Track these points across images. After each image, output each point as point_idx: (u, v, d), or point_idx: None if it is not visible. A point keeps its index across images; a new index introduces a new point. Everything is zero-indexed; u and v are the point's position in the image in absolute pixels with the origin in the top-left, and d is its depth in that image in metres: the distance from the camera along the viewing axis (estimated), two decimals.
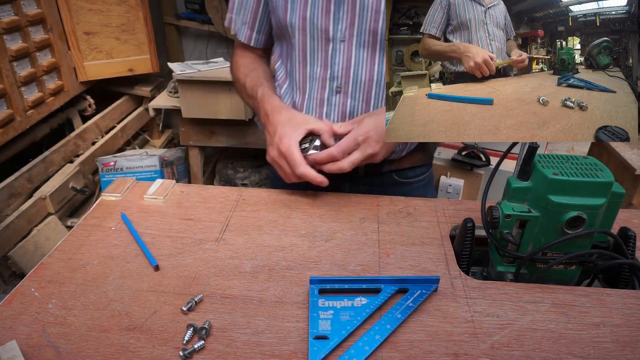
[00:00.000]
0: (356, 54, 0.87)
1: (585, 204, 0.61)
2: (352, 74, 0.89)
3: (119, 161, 2.00)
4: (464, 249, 0.72)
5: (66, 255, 0.72)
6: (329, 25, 0.86)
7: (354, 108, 0.91)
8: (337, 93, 0.91)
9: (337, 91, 0.91)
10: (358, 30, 0.85)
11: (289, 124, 0.83)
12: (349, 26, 0.85)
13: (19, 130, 1.66)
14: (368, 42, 0.86)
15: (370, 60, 0.87)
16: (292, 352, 0.56)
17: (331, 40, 0.87)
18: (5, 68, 1.57)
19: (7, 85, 1.58)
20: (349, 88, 0.90)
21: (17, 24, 1.62)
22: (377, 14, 0.83)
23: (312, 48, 0.89)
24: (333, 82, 0.90)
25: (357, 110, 0.91)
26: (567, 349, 0.56)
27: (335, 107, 0.92)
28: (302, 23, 0.87)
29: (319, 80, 0.91)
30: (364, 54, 0.87)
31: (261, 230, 0.79)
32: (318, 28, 0.86)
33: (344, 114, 0.92)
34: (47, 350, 0.56)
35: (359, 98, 0.90)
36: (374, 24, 0.84)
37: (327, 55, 0.89)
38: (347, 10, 0.84)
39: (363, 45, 0.86)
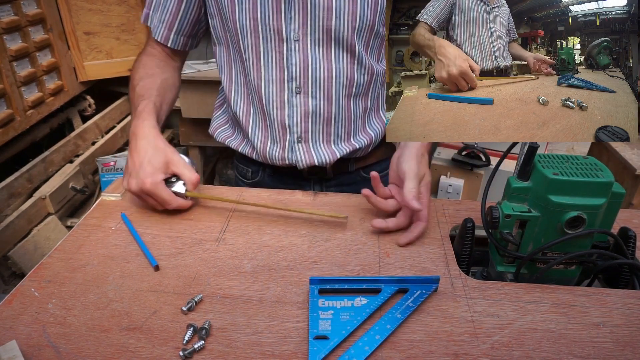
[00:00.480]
0: (312, 53, 0.86)
1: (585, 204, 0.61)
2: (311, 73, 0.87)
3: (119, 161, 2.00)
4: (464, 249, 0.72)
5: (66, 255, 0.72)
6: (281, 25, 0.84)
7: (315, 107, 0.90)
8: (297, 94, 0.89)
9: (297, 92, 0.89)
10: (311, 29, 0.84)
11: (155, 159, 0.78)
12: (302, 25, 0.83)
13: (19, 130, 1.66)
14: (323, 41, 0.85)
15: (327, 58, 0.86)
16: (292, 352, 0.56)
17: (285, 40, 0.85)
18: (5, 68, 1.57)
19: (7, 85, 1.58)
20: (309, 87, 0.88)
21: (17, 24, 1.62)
22: (330, 12, 0.82)
23: (266, 49, 0.87)
24: (292, 82, 0.88)
25: (319, 110, 0.90)
26: (567, 349, 0.56)
27: (297, 108, 0.90)
28: (252, 24, 0.84)
29: (277, 82, 0.89)
30: (321, 52, 0.86)
31: (261, 230, 0.79)
32: (270, 29, 0.84)
33: (307, 114, 0.90)
34: (47, 350, 0.56)
35: (320, 97, 0.89)
36: (327, 22, 0.83)
37: (282, 56, 0.86)
38: (298, 9, 0.82)
39: (318, 44, 0.85)
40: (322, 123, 0.92)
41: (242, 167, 1.07)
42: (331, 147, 0.94)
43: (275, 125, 0.92)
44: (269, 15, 0.83)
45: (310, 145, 0.94)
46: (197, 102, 2.07)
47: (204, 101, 2.06)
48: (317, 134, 0.93)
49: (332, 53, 0.86)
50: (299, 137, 0.92)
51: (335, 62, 0.87)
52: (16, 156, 1.73)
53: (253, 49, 0.87)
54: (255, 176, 1.05)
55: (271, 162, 0.96)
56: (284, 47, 0.86)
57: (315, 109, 0.90)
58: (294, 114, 0.90)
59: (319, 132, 0.93)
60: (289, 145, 0.93)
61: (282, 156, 0.94)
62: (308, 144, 0.93)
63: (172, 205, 0.79)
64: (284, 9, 0.83)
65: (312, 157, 0.94)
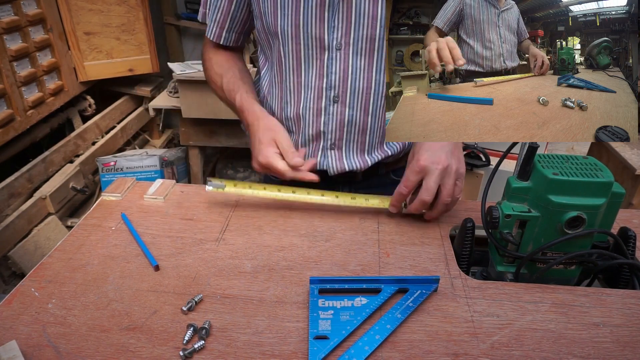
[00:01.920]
0: (353, 63, 0.85)
1: (585, 204, 0.61)
2: (350, 83, 0.86)
3: (119, 161, 2.00)
4: (463, 249, 0.72)
5: (66, 255, 0.72)
6: (323, 34, 0.83)
7: (352, 117, 0.89)
8: (335, 102, 0.88)
9: (334, 101, 0.88)
10: (355, 38, 0.82)
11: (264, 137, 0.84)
12: (345, 34, 0.82)
13: (19, 130, 1.66)
14: (365, 50, 0.84)
15: (368, 68, 0.85)
16: (292, 352, 0.56)
17: (326, 48, 0.84)
18: (5, 68, 1.58)
19: (7, 85, 1.58)
20: (347, 97, 0.87)
21: (17, 24, 1.62)
22: (375, 20, 0.80)
23: (306, 56, 0.86)
24: (330, 91, 0.87)
25: (355, 120, 0.89)
26: (567, 349, 0.56)
27: (333, 117, 0.90)
28: (294, 30, 0.84)
29: (315, 90, 0.88)
30: (362, 62, 0.85)
31: (261, 230, 0.79)
32: (312, 36, 0.83)
33: (342, 123, 0.90)
34: (47, 350, 0.56)
35: (358, 107, 0.88)
36: (372, 31, 0.81)
37: (322, 64, 0.86)
38: (342, 17, 0.81)
39: (360, 53, 0.84)
40: (357, 133, 0.91)
41: None
42: (364, 156, 0.94)
43: (307, 130, 0.92)
44: (311, 22, 0.82)
45: (343, 153, 0.93)
46: (197, 102, 2.07)
47: (204, 101, 2.06)
48: (352, 142, 0.92)
49: (373, 63, 0.85)
50: (333, 144, 0.92)
51: (375, 72, 0.86)
52: (16, 156, 1.73)
53: (293, 54, 0.87)
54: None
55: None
56: (325, 56, 0.85)
57: (351, 119, 0.89)
58: (330, 121, 0.90)
59: (353, 141, 0.92)
60: (321, 151, 0.93)
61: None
62: (341, 152, 0.93)
63: (287, 174, 0.80)
64: (327, 17, 0.81)
65: (344, 164, 0.93)
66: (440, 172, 0.74)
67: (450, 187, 0.74)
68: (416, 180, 0.75)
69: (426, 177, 0.74)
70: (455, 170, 0.75)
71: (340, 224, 0.80)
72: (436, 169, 0.74)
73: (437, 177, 0.74)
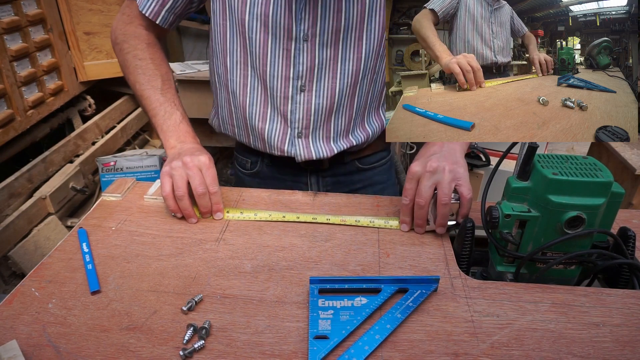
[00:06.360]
0: (320, 53, 0.86)
1: (585, 204, 0.61)
2: (317, 72, 0.88)
3: (119, 161, 2.00)
4: (463, 249, 0.72)
5: (66, 255, 0.72)
6: (291, 24, 0.84)
7: (319, 106, 0.91)
8: (302, 91, 0.90)
9: (301, 90, 0.90)
10: (321, 30, 0.84)
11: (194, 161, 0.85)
12: (312, 25, 0.84)
13: (19, 130, 1.66)
14: (331, 41, 0.85)
15: (334, 59, 0.87)
16: (292, 352, 0.56)
17: (294, 39, 0.85)
18: (5, 68, 1.58)
19: (7, 85, 1.58)
20: (314, 86, 0.89)
21: (17, 24, 1.62)
22: (340, 13, 0.83)
23: (274, 46, 0.87)
24: (297, 81, 0.89)
25: (322, 109, 0.91)
26: (567, 348, 0.56)
27: (301, 106, 0.91)
28: (263, 19, 0.84)
29: (282, 79, 0.89)
30: (328, 53, 0.86)
31: (261, 230, 0.79)
32: (280, 26, 0.85)
33: (309, 112, 0.91)
34: (47, 350, 0.56)
35: (325, 96, 0.90)
36: (337, 23, 0.83)
37: (289, 54, 0.87)
38: (309, 9, 0.83)
39: (326, 45, 0.86)
40: (323, 120, 0.93)
41: (242, 158, 1.08)
42: (330, 144, 0.96)
43: (274, 118, 0.93)
44: (280, 12, 0.84)
45: (310, 141, 0.95)
46: (197, 102, 2.07)
47: (203, 101, 2.06)
48: (317, 130, 0.94)
49: (339, 54, 0.87)
50: (300, 133, 0.94)
51: (341, 63, 0.87)
52: (16, 156, 1.73)
53: (261, 43, 0.87)
54: (254, 167, 1.06)
55: (270, 150, 0.97)
56: (292, 46, 0.86)
57: (317, 108, 0.91)
58: (297, 110, 0.92)
59: (319, 129, 0.94)
60: (289, 139, 0.94)
61: (282, 148, 0.95)
62: (308, 140, 0.95)
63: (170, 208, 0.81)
64: (295, 9, 0.83)
65: (311, 152, 0.95)
66: (431, 175, 0.75)
67: (445, 187, 0.74)
68: (411, 187, 0.76)
69: (419, 182, 0.76)
70: (450, 170, 0.75)
71: (340, 224, 0.80)
72: (427, 172, 0.75)
73: (429, 180, 0.75)
